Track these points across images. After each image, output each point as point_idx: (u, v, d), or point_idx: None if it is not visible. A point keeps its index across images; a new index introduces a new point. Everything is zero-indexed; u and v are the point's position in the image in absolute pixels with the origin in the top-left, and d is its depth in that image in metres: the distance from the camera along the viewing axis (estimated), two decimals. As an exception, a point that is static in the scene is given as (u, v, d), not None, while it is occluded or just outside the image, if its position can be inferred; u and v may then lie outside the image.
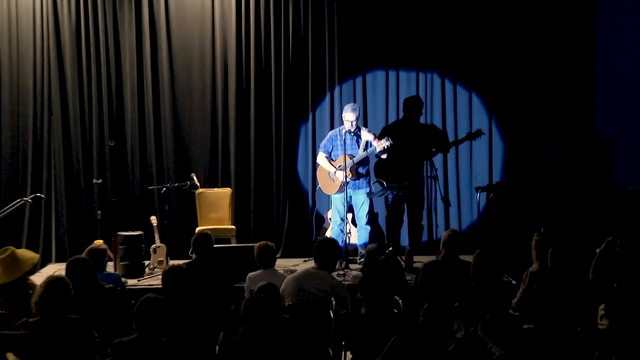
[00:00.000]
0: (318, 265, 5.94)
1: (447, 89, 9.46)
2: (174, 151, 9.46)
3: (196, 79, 9.44)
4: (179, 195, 9.22)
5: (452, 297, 5.39)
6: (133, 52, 9.31)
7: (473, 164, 9.48)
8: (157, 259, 8.26)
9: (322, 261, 5.94)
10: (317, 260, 5.95)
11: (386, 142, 8.21)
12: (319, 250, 5.97)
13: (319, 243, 6.07)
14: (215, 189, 9.16)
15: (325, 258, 5.94)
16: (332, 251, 6.00)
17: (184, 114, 9.48)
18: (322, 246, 6.01)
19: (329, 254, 5.97)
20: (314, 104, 9.45)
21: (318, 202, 9.26)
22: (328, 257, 5.96)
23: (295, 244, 9.41)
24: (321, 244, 6.03)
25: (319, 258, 5.95)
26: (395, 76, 9.48)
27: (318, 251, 5.96)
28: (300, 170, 9.52)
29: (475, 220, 9.36)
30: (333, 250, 6.02)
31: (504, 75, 9.40)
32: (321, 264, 5.93)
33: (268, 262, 6.34)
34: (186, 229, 8.92)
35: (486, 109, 9.49)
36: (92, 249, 6.39)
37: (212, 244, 6.52)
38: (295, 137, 9.48)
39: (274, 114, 9.43)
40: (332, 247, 6.03)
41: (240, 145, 9.43)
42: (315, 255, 5.97)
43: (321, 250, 5.97)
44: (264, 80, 9.42)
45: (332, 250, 6.00)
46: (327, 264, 5.95)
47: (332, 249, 6.01)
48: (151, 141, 9.40)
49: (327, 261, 5.96)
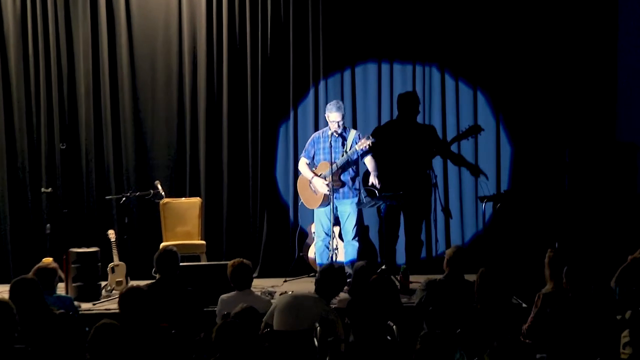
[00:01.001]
0: (317, 292, 5.97)
1: (447, 84, 9.53)
2: (135, 155, 9.45)
3: (160, 74, 9.46)
4: (141, 206, 9.21)
5: (455, 322, 5.40)
6: (88, 43, 9.29)
7: None
8: (115, 280, 8.23)
9: (324, 290, 5.97)
10: (318, 289, 5.98)
11: (367, 141, 8.19)
12: (322, 277, 6.00)
13: (323, 269, 6.10)
14: (182, 198, 9.17)
15: (327, 288, 5.97)
16: (336, 281, 6.04)
17: (147, 114, 9.48)
18: (326, 274, 6.04)
19: (333, 283, 6.00)
20: (295, 101, 9.49)
21: (301, 214, 9.27)
22: (331, 287, 6.00)
23: (274, 262, 9.41)
24: (325, 271, 6.06)
25: (320, 287, 5.97)
26: (389, 70, 9.53)
27: (321, 279, 5.99)
28: (279, 177, 9.57)
29: (480, 233, 9.41)
30: (338, 280, 6.06)
31: (512, 70, 9.47)
32: (322, 293, 5.96)
33: (243, 282, 6.33)
34: (149, 245, 8.89)
35: (492, 108, 9.56)
36: (40, 268, 6.35)
37: (178, 262, 6.50)
38: (274, 139, 9.52)
39: (250, 113, 9.47)
40: (337, 275, 6.07)
41: (211, 149, 9.44)
42: (318, 282, 6.00)
43: (324, 278, 6.00)
44: (239, 74, 9.45)
45: (336, 279, 6.04)
46: (328, 294, 5.98)
47: (337, 278, 6.05)
48: (109, 144, 9.38)
49: (330, 291, 5.99)
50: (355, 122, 9.41)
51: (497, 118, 9.52)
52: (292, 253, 9.31)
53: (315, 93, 9.47)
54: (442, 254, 8.82)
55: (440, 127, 9.51)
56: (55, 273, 6.38)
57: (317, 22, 9.40)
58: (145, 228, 9.31)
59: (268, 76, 9.44)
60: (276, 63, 9.44)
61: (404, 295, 7.58)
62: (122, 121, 9.43)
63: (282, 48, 9.44)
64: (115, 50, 9.36)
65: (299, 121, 9.50)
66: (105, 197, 9.10)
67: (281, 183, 9.55)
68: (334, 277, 6.01)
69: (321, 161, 8.47)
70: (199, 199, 9.14)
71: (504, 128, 9.54)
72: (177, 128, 9.48)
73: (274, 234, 9.50)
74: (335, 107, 8.39)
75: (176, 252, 6.52)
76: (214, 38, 9.39)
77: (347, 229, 8.50)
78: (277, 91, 9.46)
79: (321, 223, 8.48)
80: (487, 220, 9.21)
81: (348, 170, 8.42)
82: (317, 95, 9.46)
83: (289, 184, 9.46)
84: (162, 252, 6.53)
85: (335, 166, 8.23)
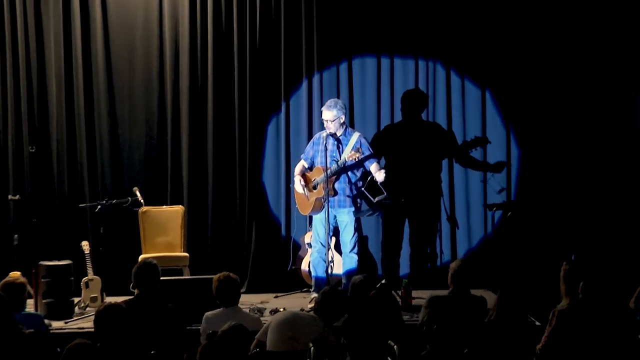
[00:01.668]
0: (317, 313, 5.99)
1: (453, 82, 9.59)
2: (112, 159, 9.48)
3: (139, 68, 9.50)
4: (118, 215, 9.19)
5: (461, 342, 5.40)
6: (59, 36, 9.32)
7: (488, 175, 9.50)
8: (89, 296, 8.21)
9: (324, 313, 5.98)
10: (318, 311, 6.00)
11: (356, 154, 8.13)
12: (323, 302, 6.01)
13: (325, 291, 6.11)
14: (163, 207, 9.18)
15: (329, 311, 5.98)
16: (339, 304, 6.05)
17: (124, 113, 9.51)
18: (328, 297, 6.05)
19: (335, 307, 6.01)
20: (287, 94, 9.53)
21: (293, 223, 9.35)
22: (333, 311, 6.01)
23: (264, 276, 9.42)
24: (327, 296, 6.07)
25: (321, 309, 5.99)
26: (389, 64, 9.57)
27: (322, 301, 6.01)
28: (267, 181, 9.59)
29: (489, 244, 9.46)
30: (340, 303, 6.07)
31: (523, 69, 9.51)
32: (322, 315, 5.97)
33: (230, 298, 6.33)
34: (127, 257, 8.89)
35: (500, 108, 9.61)
36: (8, 283, 6.32)
37: (158, 276, 6.47)
38: (263, 138, 9.55)
39: (238, 111, 9.49)
40: (340, 299, 6.08)
41: (194, 151, 9.48)
42: (319, 304, 6.02)
43: (326, 301, 6.01)
44: (225, 67, 9.49)
45: (339, 303, 6.06)
46: (329, 317, 5.99)
47: (339, 302, 6.06)
48: (82, 147, 9.41)
49: (331, 315, 6.00)
50: (352, 120, 9.45)
51: (507, 125, 9.57)
52: (283, 265, 9.31)
53: (308, 85, 9.50)
54: (447, 263, 8.87)
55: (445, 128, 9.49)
56: (24, 288, 6.36)
57: (310, 10, 9.42)
58: (123, 239, 9.29)
59: (257, 69, 9.46)
60: (266, 54, 9.47)
61: (405, 312, 7.58)
62: (97, 122, 9.46)
63: (272, 38, 9.46)
64: (90, 42, 9.39)
65: (290, 116, 9.53)
66: (79, 205, 9.05)
67: (270, 188, 9.58)
68: (336, 301, 6.02)
69: (317, 165, 8.44)
70: (181, 207, 9.13)
71: (513, 131, 9.58)
72: (157, 129, 9.51)
73: (263, 245, 9.52)
74: (325, 106, 8.37)
75: (156, 266, 6.48)
76: (198, 28, 9.42)
77: (344, 240, 8.48)
78: (267, 85, 9.49)
79: (317, 232, 8.46)
80: (496, 230, 9.28)
81: (343, 176, 8.37)
82: (311, 88, 9.49)
83: (280, 186, 9.48)
84: (141, 266, 6.49)
85: (329, 172, 8.22)
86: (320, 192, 8.24)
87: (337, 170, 8.26)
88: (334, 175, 8.28)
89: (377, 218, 9.16)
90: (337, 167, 8.23)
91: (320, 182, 8.24)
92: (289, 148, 9.41)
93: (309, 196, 8.43)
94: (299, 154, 8.87)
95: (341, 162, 8.21)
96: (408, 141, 9.00)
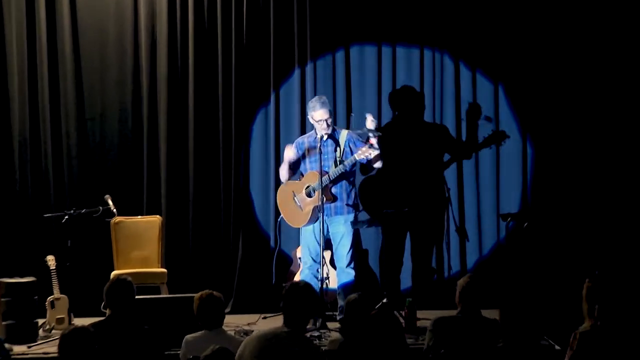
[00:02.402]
0: (286, 323, 5.90)
1: (463, 76, 9.64)
2: (81, 163, 9.50)
3: (111, 61, 9.53)
4: (88, 226, 9.13)
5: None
6: (22, 26, 9.34)
7: (501, 181, 9.64)
8: (55, 317, 8.19)
9: (292, 318, 5.89)
10: (286, 318, 5.90)
11: (369, 150, 8.14)
12: (286, 301, 5.89)
13: (286, 291, 6.01)
14: (138, 217, 9.21)
15: (295, 313, 5.89)
16: (303, 300, 5.94)
17: (95, 111, 9.54)
18: (290, 295, 5.95)
19: (299, 305, 5.91)
20: (276, 85, 9.57)
21: (284, 234, 9.34)
22: (299, 310, 5.90)
23: (251, 294, 9.40)
24: (289, 292, 5.96)
25: (287, 314, 5.89)
26: (391, 54, 9.62)
27: (285, 304, 5.89)
28: (254, 185, 9.58)
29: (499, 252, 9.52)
30: (305, 299, 5.95)
31: (541, 62, 9.54)
32: (289, 321, 5.89)
33: (213, 319, 6.29)
34: (98, 274, 8.87)
35: (514, 104, 9.63)
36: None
37: (133, 295, 6.44)
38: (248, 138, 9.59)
39: (222, 109, 9.52)
40: (303, 295, 5.96)
41: (174, 155, 9.51)
42: (283, 309, 5.91)
43: (289, 301, 5.91)
44: (208, 57, 9.52)
45: (303, 300, 5.94)
46: (296, 320, 5.90)
47: (303, 297, 5.94)
48: (48, 149, 9.43)
49: (299, 317, 5.91)
50: (350, 118, 9.42)
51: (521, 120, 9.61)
52: (275, 283, 9.23)
53: (301, 75, 9.55)
54: (455, 275, 8.89)
55: (454, 127, 9.60)
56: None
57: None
58: (93, 253, 9.30)
59: (244, 58, 9.50)
60: (254, 41, 9.50)
61: (410, 335, 7.57)
62: (64, 122, 9.48)
63: (260, 23, 9.49)
64: (57, 35, 9.40)
65: (280, 113, 9.57)
66: (44, 214, 9.00)
67: (258, 195, 9.58)
68: (299, 297, 5.89)
69: (308, 170, 8.42)
70: (158, 217, 9.17)
71: (527, 129, 9.63)
72: (132, 129, 9.54)
73: (250, 259, 9.52)
74: (319, 103, 8.31)
75: (131, 283, 6.44)
76: (177, 13, 9.46)
77: (340, 254, 8.45)
78: (255, 77, 9.53)
79: (308, 246, 8.42)
80: (510, 242, 9.30)
81: (342, 182, 8.38)
82: (304, 77, 9.54)
83: (269, 194, 9.46)
84: (114, 283, 6.46)
85: (327, 178, 8.20)
86: (317, 199, 8.20)
87: (339, 174, 8.25)
88: (335, 179, 8.26)
89: (378, 230, 9.16)
90: (341, 169, 8.23)
91: (319, 189, 8.19)
92: (279, 149, 9.35)
93: (302, 205, 8.39)
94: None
95: (349, 162, 8.19)
96: (411, 142, 9.01)
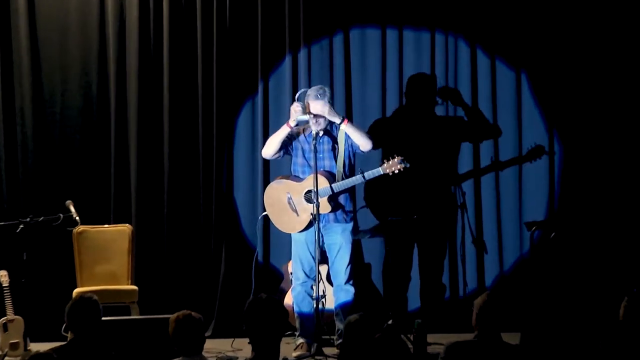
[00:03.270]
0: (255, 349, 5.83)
1: (480, 63, 9.67)
2: (38, 164, 9.50)
3: (74, 48, 9.56)
4: (46, 236, 9.14)
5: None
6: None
7: (525, 184, 9.66)
8: (8, 341, 8.24)
9: (258, 341, 5.82)
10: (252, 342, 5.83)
11: (399, 165, 8.14)
12: (248, 321, 5.79)
13: (247, 308, 5.89)
14: (105, 225, 9.21)
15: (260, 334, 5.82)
16: (268, 319, 5.87)
17: (55, 105, 9.58)
18: (253, 312, 5.86)
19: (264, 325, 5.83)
20: (265, 72, 9.59)
21: (274, 244, 9.39)
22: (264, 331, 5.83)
23: (235, 315, 9.22)
24: (250, 309, 5.84)
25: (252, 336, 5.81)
26: (397, 37, 9.63)
27: (248, 323, 5.79)
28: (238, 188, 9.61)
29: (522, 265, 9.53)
30: (270, 317, 5.88)
31: (570, 47, 9.57)
32: (257, 345, 5.82)
33: (192, 344, 6.23)
34: (58, 292, 8.94)
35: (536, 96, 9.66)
36: None
37: (99, 316, 6.42)
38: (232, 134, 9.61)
39: (202, 101, 9.56)
40: (268, 311, 5.89)
41: (145, 153, 9.55)
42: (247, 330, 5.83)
43: (252, 320, 5.83)
44: (185, 43, 9.57)
45: (268, 317, 5.87)
46: (265, 344, 5.83)
47: (268, 316, 5.87)
48: (0, 149, 9.44)
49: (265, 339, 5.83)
50: (350, 110, 9.49)
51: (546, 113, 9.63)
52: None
53: (292, 61, 9.56)
54: (472, 293, 8.85)
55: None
56: None
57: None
58: (53, 267, 9.30)
59: (227, 43, 9.53)
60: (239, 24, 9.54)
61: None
62: (18, 117, 9.51)
63: (247, 1, 9.53)
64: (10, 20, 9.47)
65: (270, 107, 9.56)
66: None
67: (244, 200, 9.61)
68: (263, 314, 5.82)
69: (299, 170, 8.39)
70: (128, 227, 9.15)
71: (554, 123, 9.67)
72: (97, 125, 9.55)
73: (235, 275, 9.50)
74: (314, 94, 8.24)
75: (96, 302, 6.39)
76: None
77: (338, 269, 8.43)
78: (240, 64, 9.56)
79: (300, 259, 8.38)
80: (534, 255, 9.31)
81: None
82: (297, 64, 9.55)
83: (257, 200, 9.50)
84: (76, 302, 6.41)
85: (336, 187, 8.19)
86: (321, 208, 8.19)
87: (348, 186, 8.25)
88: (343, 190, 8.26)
89: (382, 241, 9.20)
90: (361, 180, 8.26)
91: (325, 196, 8.16)
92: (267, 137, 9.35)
93: (299, 210, 8.35)
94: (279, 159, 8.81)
95: (369, 174, 8.20)
96: (420, 139, 9.00)
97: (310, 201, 8.21)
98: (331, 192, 8.16)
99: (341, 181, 8.21)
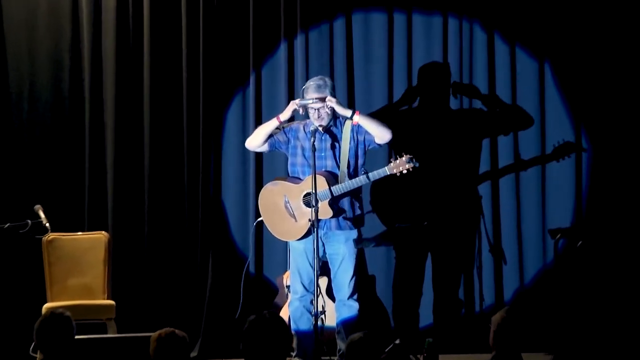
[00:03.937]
0: None
1: (498, 51, 9.69)
2: (1, 164, 9.53)
3: (44, 37, 9.62)
4: (13, 245, 9.17)
5: None
6: None
7: (548, 187, 9.67)
8: (-29, 363, 8.19)
9: None
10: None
11: (407, 164, 8.12)
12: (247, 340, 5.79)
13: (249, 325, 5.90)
14: (78, 233, 9.23)
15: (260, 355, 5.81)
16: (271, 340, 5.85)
17: (22, 98, 9.66)
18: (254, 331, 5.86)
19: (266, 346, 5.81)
20: (257, 61, 9.62)
21: (268, 253, 9.45)
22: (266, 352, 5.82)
23: (223, 334, 9.41)
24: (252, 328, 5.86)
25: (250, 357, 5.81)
26: (406, 22, 9.66)
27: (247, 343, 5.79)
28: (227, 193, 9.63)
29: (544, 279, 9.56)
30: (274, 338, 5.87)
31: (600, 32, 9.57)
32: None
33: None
34: (26, 307, 8.99)
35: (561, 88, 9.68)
36: None
37: (72, 334, 6.40)
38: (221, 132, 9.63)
39: (187, 93, 9.59)
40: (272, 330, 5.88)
41: (124, 152, 9.59)
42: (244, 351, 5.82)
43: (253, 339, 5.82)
44: (168, 30, 9.63)
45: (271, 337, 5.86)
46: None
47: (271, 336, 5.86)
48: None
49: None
50: (352, 103, 9.49)
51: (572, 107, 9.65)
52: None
53: (288, 48, 9.59)
54: (489, 309, 8.82)
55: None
56: None
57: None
58: (20, 280, 9.34)
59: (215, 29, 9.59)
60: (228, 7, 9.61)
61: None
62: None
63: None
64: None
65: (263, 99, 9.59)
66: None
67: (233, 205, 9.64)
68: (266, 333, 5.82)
69: (299, 170, 8.37)
70: (104, 234, 9.17)
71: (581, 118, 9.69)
72: (70, 121, 9.60)
73: (223, 288, 9.53)
74: (312, 87, 8.26)
75: (69, 318, 6.35)
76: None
77: (340, 282, 8.42)
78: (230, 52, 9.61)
79: (298, 271, 8.35)
80: (559, 266, 9.34)
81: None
82: (293, 51, 9.59)
83: (248, 204, 9.53)
84: (47, 319, 6.39)
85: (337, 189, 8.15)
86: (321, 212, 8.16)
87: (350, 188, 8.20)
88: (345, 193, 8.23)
89: (389, 250, 9.14)
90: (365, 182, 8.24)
91: (326, 199, 8.13)
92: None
93: (297, 216, 8.31)
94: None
95: (374, 175, 8.17)
96: (432, 136, 9.01)
97: (310, 205, 8.17)
98: (331, 195, 8.12)
99: (343, 183, 8.17)
